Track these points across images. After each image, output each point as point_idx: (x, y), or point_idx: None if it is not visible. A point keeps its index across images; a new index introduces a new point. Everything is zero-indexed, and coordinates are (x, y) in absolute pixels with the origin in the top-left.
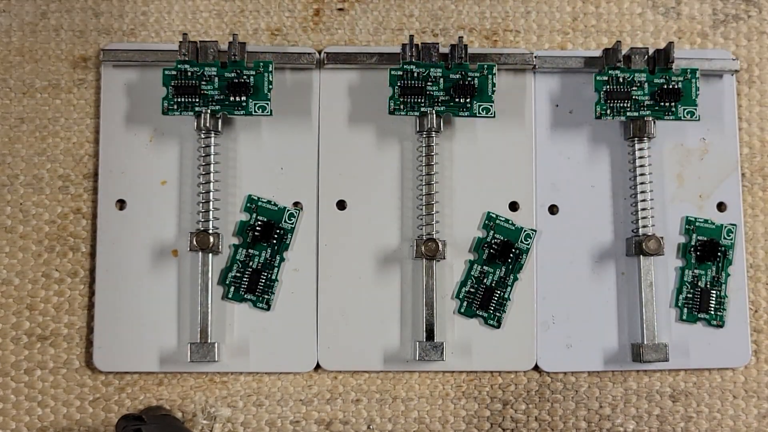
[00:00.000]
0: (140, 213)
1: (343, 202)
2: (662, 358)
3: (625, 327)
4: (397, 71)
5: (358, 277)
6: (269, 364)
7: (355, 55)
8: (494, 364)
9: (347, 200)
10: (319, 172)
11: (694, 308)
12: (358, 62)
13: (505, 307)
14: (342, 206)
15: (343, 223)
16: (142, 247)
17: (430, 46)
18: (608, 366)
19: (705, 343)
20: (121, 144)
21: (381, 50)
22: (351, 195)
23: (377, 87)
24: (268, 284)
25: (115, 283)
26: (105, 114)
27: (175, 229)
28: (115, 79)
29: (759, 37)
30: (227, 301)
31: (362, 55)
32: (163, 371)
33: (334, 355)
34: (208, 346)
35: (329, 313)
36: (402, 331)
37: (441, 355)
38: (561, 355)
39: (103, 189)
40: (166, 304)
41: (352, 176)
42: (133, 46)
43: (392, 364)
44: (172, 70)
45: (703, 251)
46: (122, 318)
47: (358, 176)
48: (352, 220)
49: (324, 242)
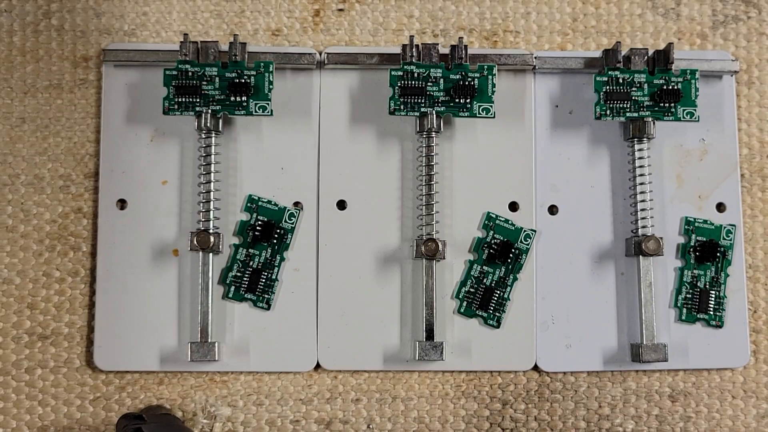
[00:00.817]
0: (141, 212)
1: (343, 202)
2: (661, 358)
3: (624, 327)
4: (397, 71)
5: (358, 276)
6: (269, 364)
7: (356, 55)
8: (494, 364)
9: (347, 200)
10: (319, 172)
11: (694, 308)
12: (358, 63)
13: (505, 307)
14: (342, 206)
15: (343, 223)
16: (142, 247)
17: (431, 46)
18: (608, 366)
19: (704, 343)
20: (122, 143)
21: (381, 50)
22: (351, 195)
23: (377, 87)
24: (268, 284)
25: (116, 283)
26: (106, 114)
27: (176, 229)
28: (116, 79)
29: (758, 38)
30: (227, 301)
31: (362, 55)
32: (163, 370)
33: (334, 354)
34: (209, 346)
35: (329, 313)
36: (402, 331)
37: (441, 355)
38: (560, 355)
39: (104, 188)
40: (167, 304)
41: (352, 176)
42: (134, 46)
43: (392, 363)
44: (173, 70)
45: (703, 252)
46: (123, 317)
47: (358, 176)
48: (352, 220)
49: (324, 242)
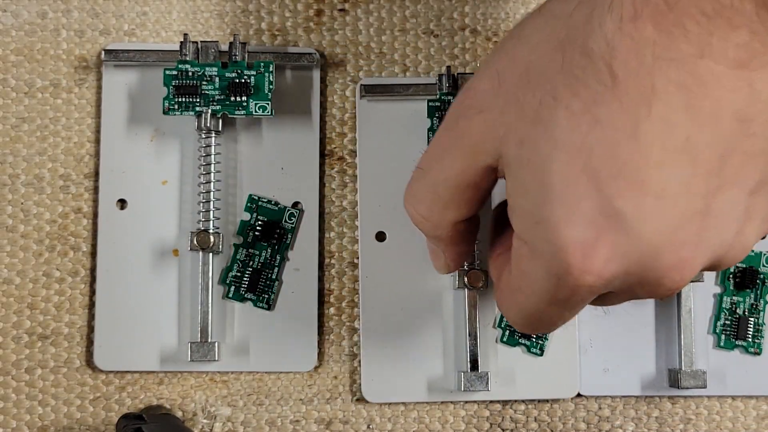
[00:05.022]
0: (141, 212)
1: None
2: (700, 384)
3: (663, 353)
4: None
5: (400, 308)
6: (269, 364)
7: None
8: (537, 392)
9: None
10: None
11: (732, 335)
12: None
13: (548, 335)
14: (381, 238)
15: (383, 253)
16: (142, 247)
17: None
18: (645, 391)
19: (742, 370)
20: (122, 143)
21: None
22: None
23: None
24: (268, 284)
25: (116, 283)
26: (106, 114)
27: (176, 229)
28: (116, 79)
29: None
30: (228, 301)
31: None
32: (163, 370)
33: (379, 386)
34: (209, 346)
35: (373, 345)
36: (445, 362)
37: (486, 385)
38: (599, 379)
39: (104, 188)
40: (167, 304)
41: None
42: (134, 46)
43: (435, 394)
44: (173, 70)
45: (742, 279)
46: (123, 317)
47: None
48: (391, 250)
49: (365, 274)
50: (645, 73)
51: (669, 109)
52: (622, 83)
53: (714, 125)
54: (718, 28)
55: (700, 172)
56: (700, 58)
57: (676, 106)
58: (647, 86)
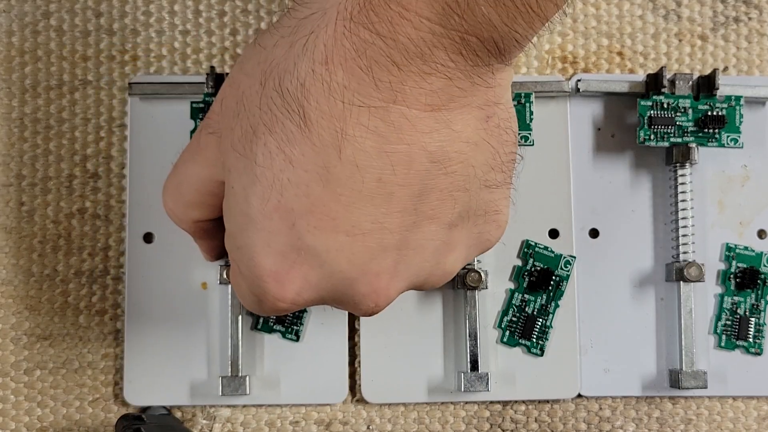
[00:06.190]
0: (168, 246)
1: None
2: (701, 385)
3: (663, 353)
4: None
5: (399, 308)
6: (300, 396)
7: None
8: (538, 393)
9: None
10: None
11: (733, 335)
12: None
13: (548, 335)
14: None
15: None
16: (170, 280)
17: None
18: (645, 392)
19: (743, 370)
20: (149, 177)
21: None
22: None
23: None
24: (296, 314)
25: (145, 318)
26: (133, 147)
27: (204, 262)
28: (142, 112)
29: (759, 40)
30: (257, 332)
31: None
32: (192, 404)
33: (378, 387)
34: (240, 380)
35: (372, 346)
36: (445, 362)
37: (486, 386)
38: (599, 380)
39: (132, 222)
40: (196, 338)
41: None
42: (159, 78)
43: (436, 395)
44: (200, 102)
45: (743, 278)
46: (153, 352)
47: None
48: None
49: None
50: (336, 118)
51: (359, 154)
52: (315, 126)
53: (408, 167)
54: (409, 77)
55: (395, 210)
56: (393, 103)
57: (368, 150)
58: (338, 131)
